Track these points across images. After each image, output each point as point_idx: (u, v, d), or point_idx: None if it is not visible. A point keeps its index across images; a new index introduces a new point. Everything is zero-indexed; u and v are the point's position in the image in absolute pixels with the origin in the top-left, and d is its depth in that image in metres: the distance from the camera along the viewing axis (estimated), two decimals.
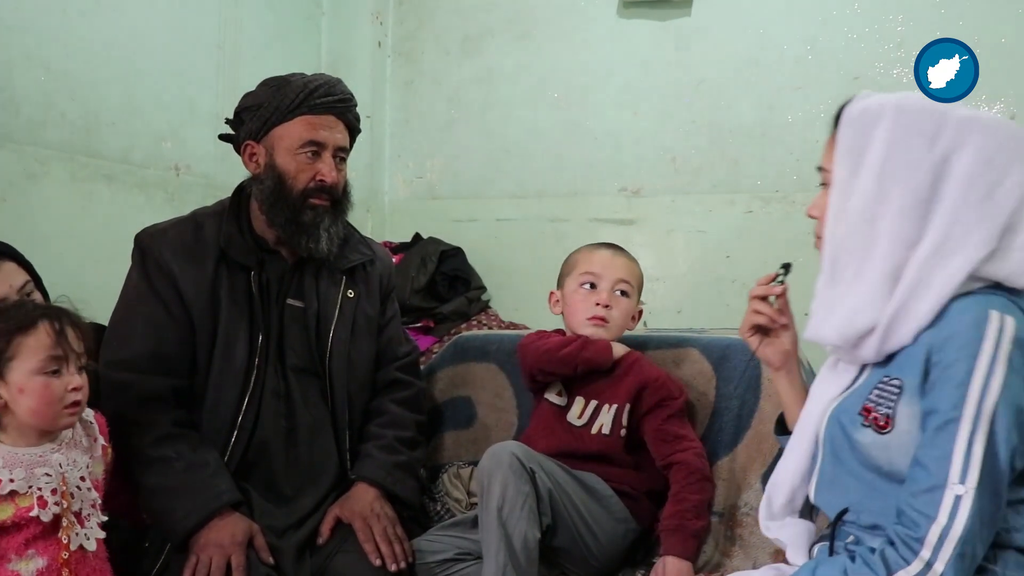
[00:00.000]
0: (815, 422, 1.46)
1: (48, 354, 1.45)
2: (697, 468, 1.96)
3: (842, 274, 1.38)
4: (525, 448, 1.91)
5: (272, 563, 1.79)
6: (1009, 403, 1.19)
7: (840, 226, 1.38)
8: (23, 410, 1.45)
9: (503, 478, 1.81)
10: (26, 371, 1.44)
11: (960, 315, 1.25)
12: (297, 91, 1.95)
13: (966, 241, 1.27)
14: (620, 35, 3.18)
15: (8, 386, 1.44)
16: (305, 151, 1.96)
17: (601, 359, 2.05)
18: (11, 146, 2.37)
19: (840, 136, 1.39)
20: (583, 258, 2.15)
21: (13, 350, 1.43)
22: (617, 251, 2.16)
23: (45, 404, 1.46)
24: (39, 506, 1.43)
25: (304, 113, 1.96)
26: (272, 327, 2.00)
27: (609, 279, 2.08)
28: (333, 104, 1.98)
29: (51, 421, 1.49)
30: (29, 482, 1.44)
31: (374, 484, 1.99)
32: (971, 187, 1.28)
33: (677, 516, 1.90)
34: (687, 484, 1.94)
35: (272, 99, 1.97)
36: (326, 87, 1.98)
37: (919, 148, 1.31)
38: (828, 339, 1.41)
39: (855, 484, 1.36)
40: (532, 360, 2.14)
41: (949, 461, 1.18)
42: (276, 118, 1.96)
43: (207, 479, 1.82)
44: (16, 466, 1.44)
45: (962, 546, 1.16)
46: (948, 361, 1.22)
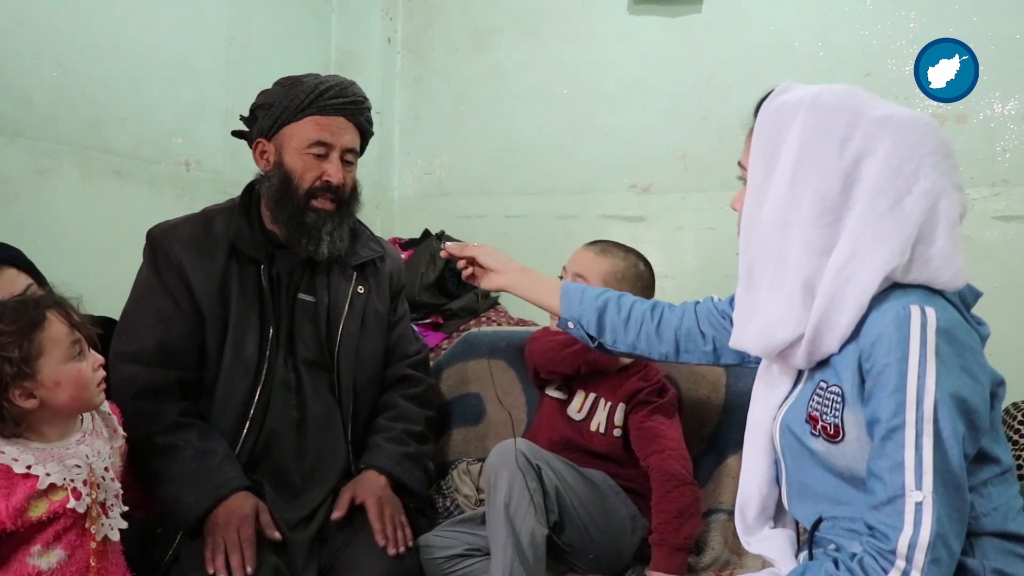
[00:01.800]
0: (766, 429, 1.45)
1: (69, 340, 1.47)
2: (672, 474, 1.94)
3: (758, 283, 1.37)
4: (532, 445, 1.92)
5: (279, 538, 1.80)
6: (947, 396, 1.17)
7: (754, 233, 1.36)
8: (62, 401, 1.47)
9: (509, 475, 1.82)
10: (55, 363, 1.45)
11: (881, 316, 1.23)
12: (308, 91, 1.96)
13: (876, 253, 1.24)
14: (630, 31, 3.17)
15: (42, 383, 1.44)
16: (312, 151, 1.97)
17: (604, 362, 2.04)
18: (22, 142, 2.37)
19: (756, 134, 1.37)
20: (570, 258, 2.14)
21: (37, 348, 1.43)
22: (597, 248, 2.12)
23: (82, 388, 1.48)
24: (74, 497, 1.45)
25: (314, 113, 1.97)
26: (282, 320, 2.01)
27: (594, 279, 2.06)
28: (344, 106, 1.99)
29: (89, 402, 1.52)
30: (63, 474, 1.45)
31: (383, 472, 2.00)
32: (879, 196, 1.25)
33: (659, 530, 1.90)
34: (664, 494, 1.92)
35: (283, 98, 1.98)
36: (337, 88, 1.99)
37: (830, 152, 1.27)
38: (750, 350, 1.40)
39: (824, 491, 1.35)
40: (537, 356, 2.15)
41: (902, 469, 1.17)
42: (286, 117, 1.98)
43: (216, 466, 1.83)
44: (49, 461, 1.45)
45: (933, 551, 1.14)
46: (879, 367, 1.21)
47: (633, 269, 2.10)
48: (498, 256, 1.82)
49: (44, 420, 1.48)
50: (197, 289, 1.92)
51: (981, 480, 1.26)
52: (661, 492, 1.93)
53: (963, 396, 1.18)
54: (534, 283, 1.80)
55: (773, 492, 1.48)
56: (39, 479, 1.42)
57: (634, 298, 1.75)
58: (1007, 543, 1.26)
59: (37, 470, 1.43)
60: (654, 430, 2.00)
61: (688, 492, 1.92)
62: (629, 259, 2.11)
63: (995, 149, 2.63)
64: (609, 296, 1.73)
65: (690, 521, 1.90)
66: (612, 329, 1.71)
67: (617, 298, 1.73)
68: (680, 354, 1.70)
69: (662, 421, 2.02)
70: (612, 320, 1.71)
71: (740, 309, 1.42)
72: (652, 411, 2.02)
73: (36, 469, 1.42)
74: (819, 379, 1.34)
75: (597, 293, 1.74)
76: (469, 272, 1.83)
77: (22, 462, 1.42)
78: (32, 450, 1.45)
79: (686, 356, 1.70)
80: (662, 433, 1.99)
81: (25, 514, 1.41)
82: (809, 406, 1.34)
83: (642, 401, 2.04)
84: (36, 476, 1.42)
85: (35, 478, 1.42)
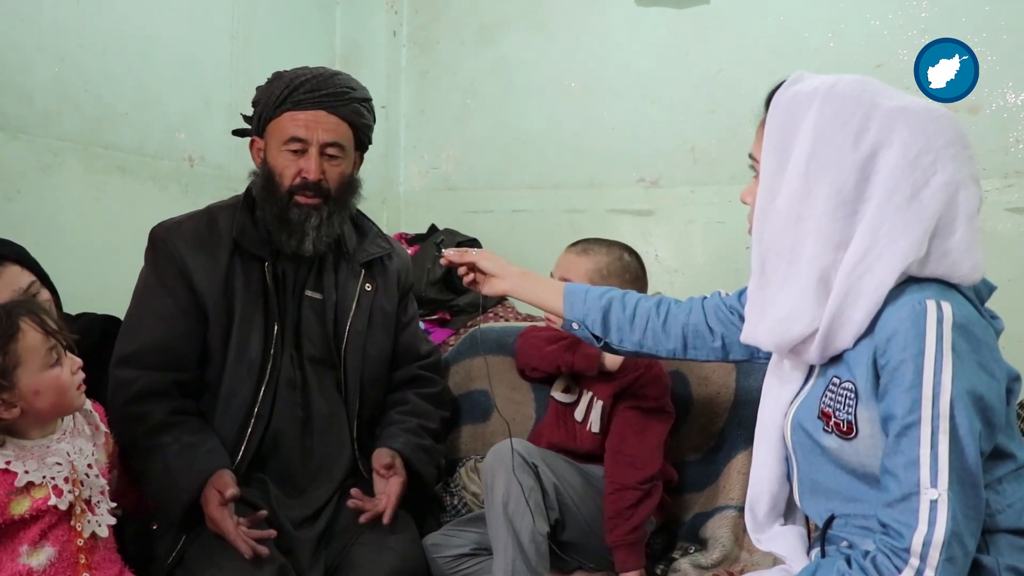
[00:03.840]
0: (777, 425, 1.43)
1: (45, 348, 1.47)
2: (613, 479, 1.94)
3: (771, 277, 1.34)
4: (528, 444, 1.93)
5: (237, 495, 1.77)
6: (964, 392, 1.15)
7: (767, 226, 1.34)
8: (43, 408, 1.48)
9: (506, 475, 1.83)
10: (33, 372, 1.45)
11: (897, 311, 1.21)
12: (283, 86, 1.94)
13: (893, 247, 1.22)
14: (638, 24, 3.14)
15: (21, 393, 1.45)
16: (290, 147, 1.94)
17: (584, 366, 2.01)
18: (25, 138, 2.36)
19: (768, 125, 1.35)
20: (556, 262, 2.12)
21: (13, 359, 1.43)
22: (578, 248, 2.10)
23: (62, 394, 1.49)
24: (55, 495, 1.46)
25: (289, 109, 1.94)
26: (288, 318, 2.00)
27: (578, 279, 2.01)
28: (319, 99, 1.94)
29: (69, 406, 1.53)
30: (43, 472, 1.46)
31: (400, 455, 2.01)
32: (896, 188, 1.22)
33: (607, 534, 1.91)
34: (607, 496, 1.94)
35: (266, 94, 1.97)
36: (313, 81, 1.94)
37: (845, 144, 1.25)
38: (762, 345, 1.38)
39: (836, 488, 1.33)
40: (520, 353, 2.14)
41: (917, 467, 1.16)
42: (267, 114, 1.97)
43: (202, 456, 1.82)
44: (28, 458, 1.46)
45: (948, 550, 1.13)
46: (894, 363, 1.19)
47: (618, 262, 2.06)
48: (498, 260, 1.81)
49: (26, 424, 1.49)
50: (200, 287, 1.91)
51: (996, 477, 1.24)
52: (605, 495, 1.94)
53: (980, 393, 1.17)
54: (536, 286, 1.78)
55: (784, 489, 1.46)
56: (17, 476, 1.43)
57: (639, 295, 1.73)
58: (1022, 540, 1.24)
59: (16, 467, 1.44)
60: (619, 433, 1.99)
61: (628, 496, 1.91)
62: (612, 252, 2.07)
63: (1008, 140, 2.59)
64: (613, 295, 1.71)
65: (628, 521, 1.90)
66: (617, 328, 1.69)
67: (621, 296, 1.71)
68: (688, 350, 1.68)
69: (632, 422, 2.00)
70: (617, 319, 1.69)
71: (752, 304, 1.40)
72: (627, 409, 2.01)
73: (15, 466, 1.44)
74: (832, 375, 1.32)
75: (600, 292, 1.72)
76: (470, 278, 1.82)
77: (1, 459, 1.43)
78: (12, 447, 1.46)
79: (694, 352, 1.68)
80: (625, 437, 1.98)
81: (7, 511, 1.42)
82: (821, 402, 1.32)
83: (620, 395, 2.02)
84: (15, 473, 1.43)
85: (14, 475, 1.43)
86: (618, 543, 1.89)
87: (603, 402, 2.02)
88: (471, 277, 1.82)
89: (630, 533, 1.89)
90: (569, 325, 1.73)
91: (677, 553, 2.00)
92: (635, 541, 1.90)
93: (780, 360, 1.45)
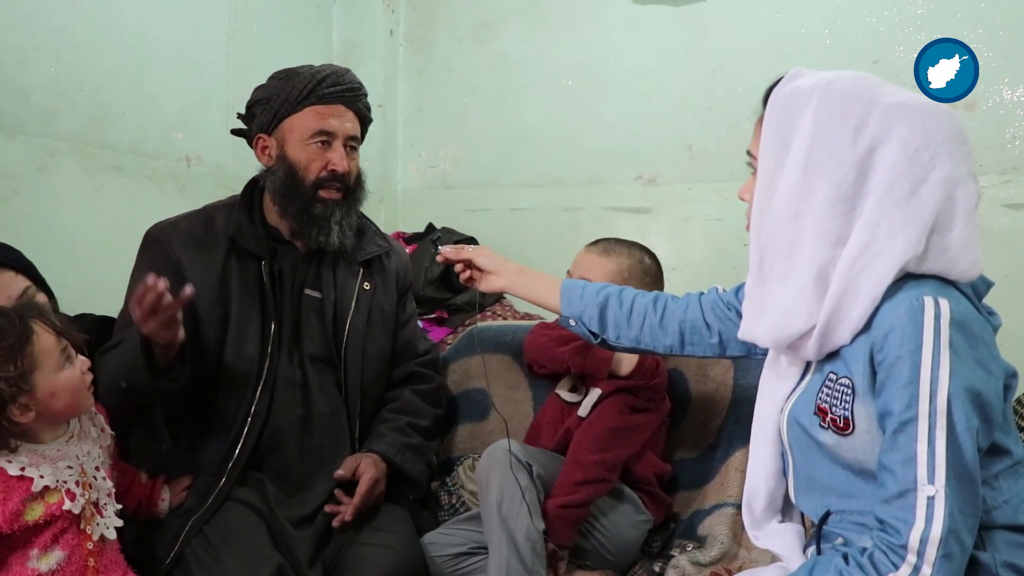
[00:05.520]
0: (773, 421, 1.44)
1: (58, 349, 1.47)
2: (574, 450, 1.94)
3: (770, 273, 1.35)
4: (521, 445, 1.93)
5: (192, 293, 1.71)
6: (961, 389, 1.16)
7: (765, 223, 1.34)
8: (58, 409, 1.48)
9: (500, 475, 1.83)
10: (49, 374, 1.46)
11: (894, 308, 1.21)
12: (305, 82, 1.96)
13: (892, 243, 1.22)
14: (635, 21, 3.14)
15: (39, 396, 1.45)
16: (315, 141, 1.96)
17: (595, 369, 2.02)
18: (22, 138, 2.35)
19: (766, 122, 1.34)
20: (574, 260, 2.11)
21: (31, 362, 1.44)
22: (599, 248, 2.10)
23: (76, 394, 1.50)
24: (68, 499, 1.45)
25: (313, 103, 1.97)
26: (286, 316, 2.00)
27: (599, 281, 2.03)
28: (342, 93, 1.99)
29: (82, 406, 1.54)
30: (56, 476, 1.46)
31: (384, 458, 2.00)
32: (895, 184, 1.23)
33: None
34: (564, 465, 1.94)
35: (281, 91, 1.97)
36: (334, 76, 1.98)
37: (843, 140, 1.25)
38: (761, 341, 1.39)
39: (832, 484, 1.33)
40: (530, 350, 2.14)
41: (914, 463, 1.16)
42: (285, 110, 1.97)
43: None
44: (41, 463, 1.46)
45: (945, 546, 1.13)
46: (891, 359, 1.19)
47: (639, 265, 2.07)
48: (495, 257, 1.81)
49: (39, 427, 1.48)
50: (194, 285, 1.90)
51: (992, 473, 1.24)
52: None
53: (977, 389, 1.17)
54: (533, 282, 1.78)
55: (780, 485, 1.47)
56: (34, 481, 1.42)
57: (635, 291, 1.73)
58: (1019, 536, 1.24)
59: (31, 472, 1.43)
60: (600, 412, 2.00)
61: (578, 472, 1.91)
62: (634, 255, 2.08)
63: (1005, 136, 2.59)
64: (610, 291, 1.71)
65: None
66: (615, 325, 1.69)
67: (618, 292, 1.71)
68: (685, 346, 1.68)
69: (616, 405, 2.00)
70: (614, 315, 1.69)
71: (751, 300, 1.40)
72: (615, 403, 2.00)
73: (30, 471, 1.43)
74: (828, 371, 1.32)
75: (597, 289, 1.72)
76: (467, 275, 1.82)
77: (16, 464, 1.42)
78: (25, 453, 1.45)
79: (691, 348, 1.68)
80: (603, 415, 1.99)
81: (21, 518, 1.41)
82: (818, 398, 1.32)
83: (617, 390, 2.02)
84: (31, 478, 1.42)
85: (30, 480, 1.42)
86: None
87: (602, 391, 2.02)
88: (468, 274, 1.82)
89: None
90: (566, 321, 1.73)
91: (675, 550, 2.00)
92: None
93: (777, 356, 1.45)
